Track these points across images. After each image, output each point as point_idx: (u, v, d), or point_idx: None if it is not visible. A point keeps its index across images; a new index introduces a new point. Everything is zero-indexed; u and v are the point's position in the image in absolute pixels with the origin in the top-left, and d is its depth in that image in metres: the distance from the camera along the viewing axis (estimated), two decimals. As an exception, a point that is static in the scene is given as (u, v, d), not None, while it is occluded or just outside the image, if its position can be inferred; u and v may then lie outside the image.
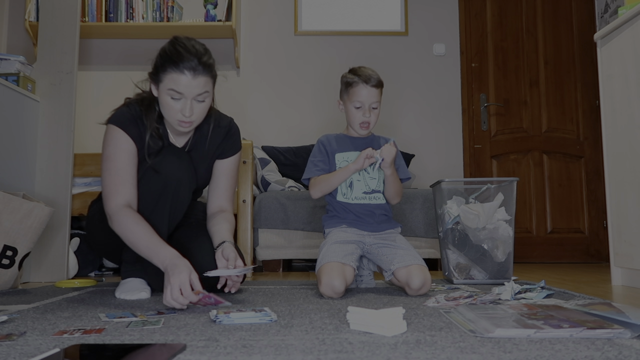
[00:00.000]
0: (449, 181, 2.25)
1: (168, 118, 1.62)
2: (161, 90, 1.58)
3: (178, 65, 1.53)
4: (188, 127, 1.62)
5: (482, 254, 2.16)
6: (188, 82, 1.54)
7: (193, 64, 1.54)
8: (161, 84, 1.57)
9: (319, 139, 2.02)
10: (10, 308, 1.44)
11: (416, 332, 1.07)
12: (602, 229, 3.74)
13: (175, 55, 1.54)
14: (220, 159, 1.83)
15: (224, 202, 1.83)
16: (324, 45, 3.91)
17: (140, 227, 1.54)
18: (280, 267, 3.00)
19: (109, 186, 1.62)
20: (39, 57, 2.41)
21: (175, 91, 1.54)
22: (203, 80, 1.56)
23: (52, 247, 2.32)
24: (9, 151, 2.17)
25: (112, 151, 1.64)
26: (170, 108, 1.58)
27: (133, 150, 1.66)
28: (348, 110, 1.94)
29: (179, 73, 1.53)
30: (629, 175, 2.18)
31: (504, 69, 3.92)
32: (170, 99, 1.56)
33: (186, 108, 1.56)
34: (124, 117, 1.67)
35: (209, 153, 1.81)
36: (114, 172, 1.62)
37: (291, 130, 3.82)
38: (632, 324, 1.04)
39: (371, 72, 1.91)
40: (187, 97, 1.56)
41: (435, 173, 3.71)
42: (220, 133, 1.81)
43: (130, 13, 3.53)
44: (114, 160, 1.63)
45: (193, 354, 0.88)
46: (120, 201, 1.59)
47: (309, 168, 1.97)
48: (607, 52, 2.35)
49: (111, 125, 1.66)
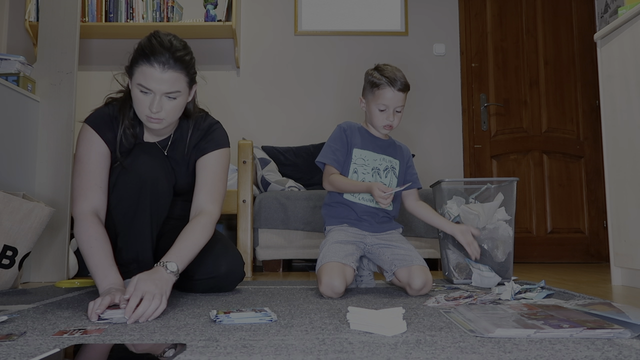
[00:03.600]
0: (449, 181, 2.25)
1: (138, 113, 1.57)
2: (133, 84, 1.53)
3: (149, 58, 1.48)
4: (157, 123, 1.56)
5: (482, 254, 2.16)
6: (157, 76, 1.48)
7: (164, 58, 1.49)
8: (133, 77, 1.53)
9: (340, 125, 1.96)
10: (10, 308, 1.44)
11: (416, 332, 1.07)
12: (602, 229, 3.75)
13: (149, 48, 1.50)
14: (201, 155, 1.72)
15: (205, 202, 1.64)
16: (324, 46, 3.91)
17: (99, 242, 1.48)
18: (280, 267, 3.00)
19: (77, 189, 1.58)
20: (39, 57, 2.41)
21: (143, 85, 1.49)
22: (173, 76, 1.50)
23: (52, 247, 2.32)
24: (9, 151, 2.17)
25: (83, 153, 1.61)
26: (140, 102, 1.53)
27: (105, 154, 1.62)
28: (371, 110, 1.91)
29: (149, 66, 1.48)
30: (629, 175, 2.18)
31: (504, 69, 3.92)
32: (139, 92, 1.52)
33: (154, 103, 1.50)
34: (100, 119, 1.64)
35: (187, 154, 1.74)
36: (84, 175, 1.58)
37: (291, 130, 3.82)
38: (632, 324, 1.04)
39: (398, 74, 1.88)
40: (156, 93, 1.50)
41: (435, 173, 3.72)
42: (199, 135, 1.74)
43: (130, 13, 3.53)
44: (84, 162, 1.59)
45: (193, 354, 0.88)
46: (87, 207, 1.55)
47: (325, 152, 1.92)
48: (607, 52, 2.35)
49: (86, 125, 1.63)
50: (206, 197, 1.65)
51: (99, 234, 1.50)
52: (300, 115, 3.85)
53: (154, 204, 1.62)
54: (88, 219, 1.52)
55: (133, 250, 1.62)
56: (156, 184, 1.62)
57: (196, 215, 1.61)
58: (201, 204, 1.63)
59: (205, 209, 1.62)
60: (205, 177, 1.69)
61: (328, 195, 1.99)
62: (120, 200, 1.61)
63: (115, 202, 1.61)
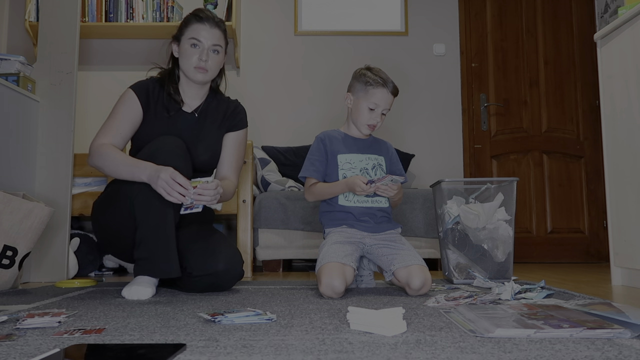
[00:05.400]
0: (449, 181, 2.25)
1: (186, 66, 1.87)
2: (183, 42, 1.88)
3: (200, 18, 1.87)
4: (203, 74, 1.88)
5: (482, 254, 2.16)
6: (207, 30, 1.86)
7: (211, 20, 1.88)
8: (183, 37, 1.88)
9: (317, 136, 2.01)
10: (10, 308, 1.44)
11: (416, 332, 1.07)
12: (602, 229, 3.74)
13: (199, 12, 1.90)
14: (231, 131, 2.00)
15: (230, 173, 1.98)
16: (324, 46, 3.91)
17: (118, 153, 1.74)
18: (280, 267, 3.00)
19: (103, 129, 1.83)
20: (39, 57, 2.41)
21: (195, 39, 1.85)
22: (218, 33, 1.89)
23: (52, 247, 2.32)
24: (9, 151, 2.17)
25: (119, 106, 1.88)
26: (190, 54, 1.86)
27: (137, 112, 1.87)
28: (359, 107, 1.93)
29: (200, 23, 1.86)
30: (629, 175, 2.18)
31: (504, 69, 3.92)
32: (190, 46, 1.86)
33: (203, 53, 1.85)
34: (140, 85, 1.92)
35: (218, 120, 1.98)
36: (112, 121, 1.85)
37: (291, 130, 3.82)
38: (632, 324, 1.04)
39: (389, 77, 1.94)
40: (205, 45, 1.86)
41: (435, 173, 3.71)
42: (230, 106, 2.03)
43: (130, 13, 3.52)
44: (117, 112, 1.86)
45: (193, 354, 0.88)
46: (105, 141, 1.79)
47: (305, 166, 1.97)
48: (607, 52, 2.35)
49: (128, 89, 1.91)
50: (232, 168, 1.99)
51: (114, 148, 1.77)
52: (301, 115, 3.85)
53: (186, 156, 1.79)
54: (105, 145, 1.77)
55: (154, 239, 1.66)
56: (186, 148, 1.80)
57: (223, 179, 1.94)
58: (227, 174, 1.98)
59: (230, 177, 1.97)
60: (234, 152, 2.00)
61: (323, 203, 1.99)
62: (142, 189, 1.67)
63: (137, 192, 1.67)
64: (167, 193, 1.59)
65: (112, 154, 1.74)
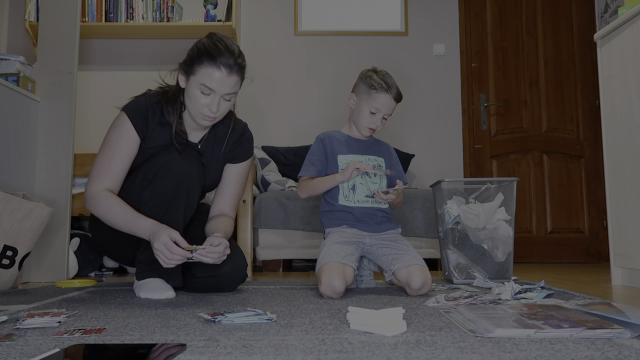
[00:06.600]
0: (449, 181, 2.25)
1: (192, 110, 1.64)
2: (192, 82, 1.60)
3: (215, 60, 1.55)
4: (210, 122, 1.66)
5: (482, 254, 2.16)
6: (222, 78, 1.57)
7: (230, 61, 1.56)
8: (193, 77, 1.59)
9: (318, 137, 2.01)
10: (10, 308, 1.44)
11: (416, 332, 1.07)
12: (602, 229, 3.74)
13: (214, 49, 1.57)
14: (232, 163, 1.83)
15: (227, 208, 1.81)
16: (324, 45, 3.91)
17: (117, 205, 1.58)
18: (280, 267, 3.00)
19: (97, 169, 1.65)
20: (39, 57, 2.41)
21: (207, 87, 1.57)
22: (235, 80, 1.60)
23: (52, 247, 2.32)
24: (9, 151, 2.17)
25: (114, 138, 1.66)
26: (198, 101, 1.60)
27: (135, 142, 1.67)
28: (361, 110, 1.93)
29: (215, 68, 1.56)
30: (629, 175, 2.18)
31: (504, 69, 3.92)
32: (200, 92, 1.59)
33: (214, 104, 1.59)
34: (137, 108, 1.68)
35: (222, 154, 1.81)
36: (108, 159, 1.65)
37: (291, 130, 3.82)
38: (632, 324, 1.04)
39: (395, 83, 1.91)
40: (217, 94, 1.59)
41: (435, 173, 3.71)
42: (235, 135, 1.82)
43: (130, 13, 3.52)
44: (112, 147, 1.66)
45: (193, 354, 0.88)
46: (101, 187, 1.62)
47: (305, 166, 1.96)
48: (607, 52, 2.35)
49: (122, 113, 1.68)
50: (230, 203, 1.82)
51: (113, 198, 1.60)
52: (301, 115, 3.85)
53: (187, 205, 1.67)
54: (102, 193, 1.60)
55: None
56: (192, 185, 1.67)
57: (220, 215, 1.77)
58: (224, 208, 1.80)
59: (227, 212, 1.80)
60: (233, 186, 1.83)
61: (324, 202, 1.99)
62: (155, 196, 1.62)
63: (148, 198, 1.62)
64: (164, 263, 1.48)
65: (109, 205, 1.58)
